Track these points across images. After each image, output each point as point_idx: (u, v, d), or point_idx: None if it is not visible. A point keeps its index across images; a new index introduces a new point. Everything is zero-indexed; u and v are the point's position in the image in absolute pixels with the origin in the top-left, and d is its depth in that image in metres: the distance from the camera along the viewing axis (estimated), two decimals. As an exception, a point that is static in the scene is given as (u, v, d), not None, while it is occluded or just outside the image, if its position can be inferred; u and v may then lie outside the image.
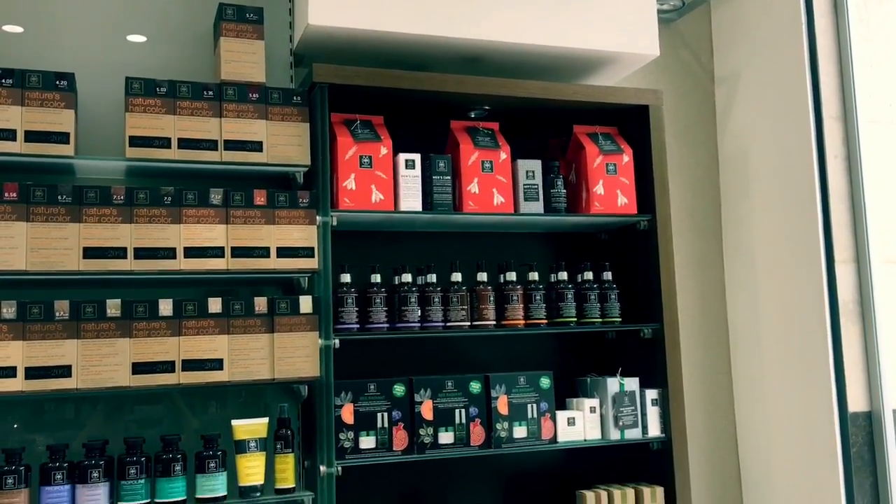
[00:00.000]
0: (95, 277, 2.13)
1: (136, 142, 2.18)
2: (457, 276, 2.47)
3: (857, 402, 2.73)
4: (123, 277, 2.13)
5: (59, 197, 2.08)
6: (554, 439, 2.49)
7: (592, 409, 2.54)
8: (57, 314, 2.04)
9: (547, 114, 2.72)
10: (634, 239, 2.69)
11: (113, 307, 2.08)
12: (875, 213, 2.83)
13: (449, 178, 2.46)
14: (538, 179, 2.57)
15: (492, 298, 2.47)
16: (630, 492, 2.52)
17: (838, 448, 2.70)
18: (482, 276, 2.50)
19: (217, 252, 2.19)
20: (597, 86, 2.65)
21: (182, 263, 2.15)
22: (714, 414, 3.11)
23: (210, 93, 2.26)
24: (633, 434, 2.55)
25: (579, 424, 2.52)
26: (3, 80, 2.09)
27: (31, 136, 2.10)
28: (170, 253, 2.15)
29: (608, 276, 2.64)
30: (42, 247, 2.05)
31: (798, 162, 2.87)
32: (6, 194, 2.04)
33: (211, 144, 2.24)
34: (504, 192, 2.49)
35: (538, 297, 2.52)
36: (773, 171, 2.98)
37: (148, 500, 2.08)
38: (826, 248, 2.78)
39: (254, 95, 2.30)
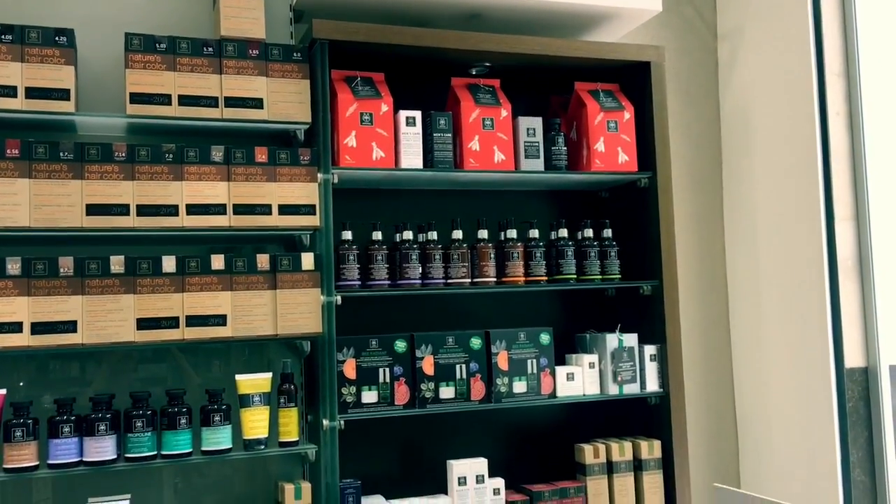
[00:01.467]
0: (98, 234, 2.14)
1: (137, 98, 2.18)
2: (457, 234, 2.48)
3: (853, 358, 2.76)
4: (126, 234, 2.15)
5: (61, 154, 2.08)
6: (553, 394, 2.52)
7: (591, 365, 2.57)
8: (61, 270, 2.05)
9: (548, 71, 2.71)
10: (635, 196, 2.70)
11: (117, 263, 2.10)
12: (875, 171, 2.83)
13: (450, 135, 2.46)
14: (539, 137, 2.57)
15: (492, 256, 2.49)
16: (628, 445, 2.56)
17: (834, 403, 2.73)
18: (483, 234, 2.52)
19: (219, 209, 2.20)
20: (598, 42, 2.63)
21: (184, 220, 2.17)
22: (712, 369, 3.14)
23: (210, 49, 2.25)
24: (632, 389, 2.58)
25: (578, 380, 2.55)
26: (3, 36, 2.08)
27: (31, 93, 2.09)
28: (172, 210, 2.16)
29: (608, 233, 2.66)
30: (45, 203, 2.06)
31: (800, 119, 2.86)
32: (8, 151, 2.05)
33: (211, 101, 2.24)
34: (505, 150, 2.49)
35: (538, 255, 2.54)
36: (774, 128, 2.97)
37: (154, 453, 2.12)
38: (826, 205, 2.79)
39: (254, 52, 2.29)
